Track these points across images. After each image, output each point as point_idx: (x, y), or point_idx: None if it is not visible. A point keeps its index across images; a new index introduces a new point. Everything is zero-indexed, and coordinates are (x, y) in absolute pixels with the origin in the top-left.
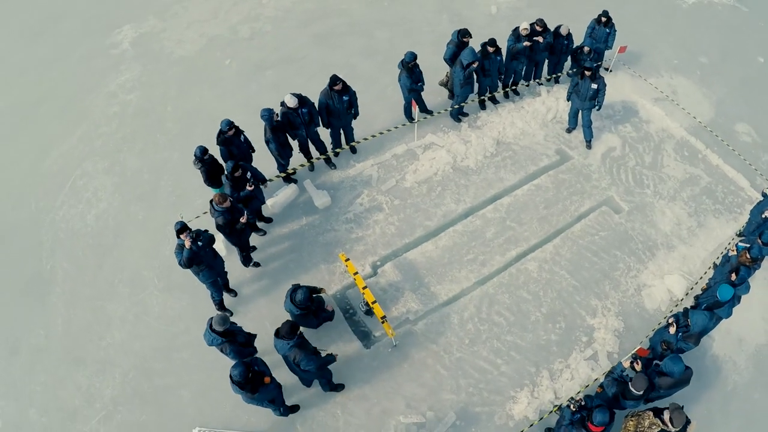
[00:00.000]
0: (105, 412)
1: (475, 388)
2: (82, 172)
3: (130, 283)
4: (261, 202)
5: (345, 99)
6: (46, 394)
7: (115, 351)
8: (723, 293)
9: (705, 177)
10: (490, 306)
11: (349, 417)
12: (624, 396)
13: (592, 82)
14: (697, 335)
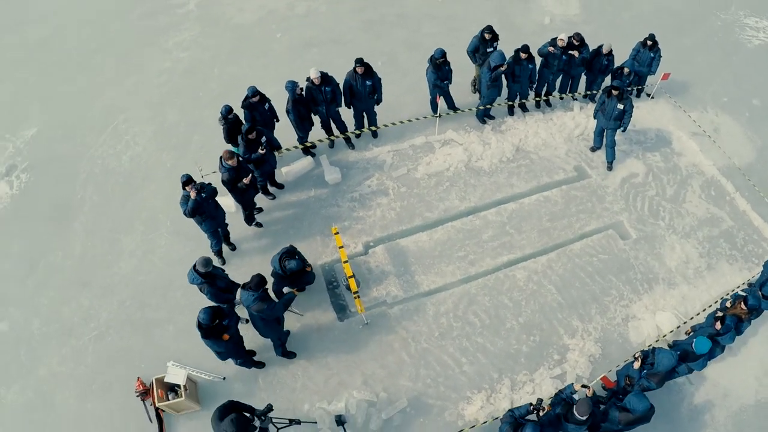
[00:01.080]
0: (97, 332)
1: (434, 380)
2: (126, 117)
3: (145, 223)
4: (271, 167)
5: (368, 84)
6: (50, 308)
7: (119, 280)
8: (699, 346)
9: (728, 220)
10: (468, 305)
11: (307, 381)
12: (566, 418)
13: (619, 102)
14: (661, 376)
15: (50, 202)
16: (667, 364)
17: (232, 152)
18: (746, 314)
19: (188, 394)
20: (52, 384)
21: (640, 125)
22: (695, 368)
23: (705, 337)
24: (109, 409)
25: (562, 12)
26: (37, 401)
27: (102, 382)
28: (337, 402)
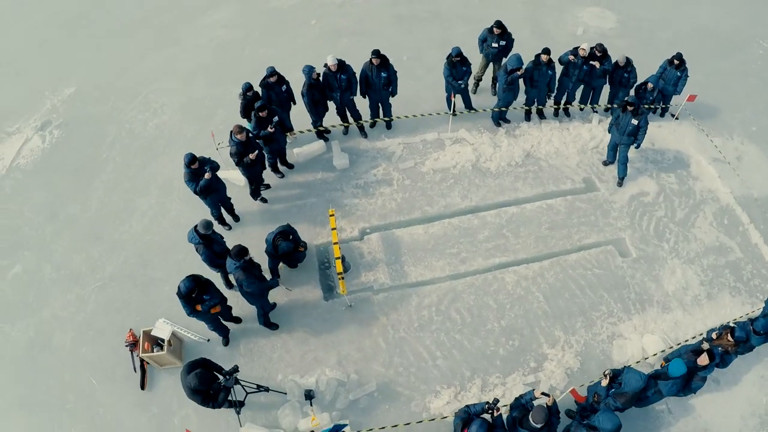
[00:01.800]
0: (101, 283)
1: (406, 369)
2: (158, 86)
3: (160, 188)
4: (280, 146)
5: (383, 75)
6: (62, 256)
7: (128, 238)
8: (674, 368)
9: (737, 251)
10: (452, 301)
11: (285, 353)
12: (521, 424)
13: (633, 118)
14: (628, 397)
15: (77, 159)
16: (634, 385)
17: (242, 127)
18: (733, 346)
19: (171, 349)
20: (53, 326)
21: (659, 145)
22: (663, 392)
23: (681, 360)
24: (100, 355)
25: (597, 25)
26: (37, 340)
27: (97, 329)
28: (309, 377)
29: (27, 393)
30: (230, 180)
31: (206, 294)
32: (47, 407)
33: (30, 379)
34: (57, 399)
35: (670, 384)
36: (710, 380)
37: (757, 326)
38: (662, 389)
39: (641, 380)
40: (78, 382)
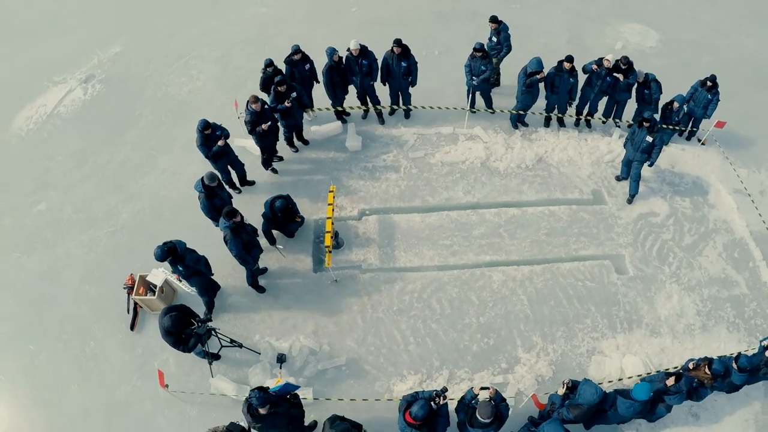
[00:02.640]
0: (114, 229)
1: (377, 349)
2: (198, 54)
3: (183, 148)
4: (296, 122)
5: (403, 65)
6: (84, 200)
7: (145, 191)
8: (637, 390)
9: (742, 287)
10: (435, 291)
11: (266, 316)
12: (471, 424)
13: (648, 135)
14: (583, 410)
15: (112, 113)
16: (588, 398)
17: (257, 97)
18: (709, 380)
19: (163, 296)
20: (64, 262)
21: (679, 168)
22: (620, 410)
23: (647, 383)
24: (101, 293)
25: (638, 42)
26: (48, 273)
27: (103, 270)
28: (284, 342)
29: (31, 320)
30: (247, 148)
31: (180, 265)
32: (46, 335)
33: (36, 307)
34: (56, 328)
35: (627, 404)
36: (689, 415)
37: (741, 363)
38: (619, 407)
39: (596, 394)
40: (77, 316)
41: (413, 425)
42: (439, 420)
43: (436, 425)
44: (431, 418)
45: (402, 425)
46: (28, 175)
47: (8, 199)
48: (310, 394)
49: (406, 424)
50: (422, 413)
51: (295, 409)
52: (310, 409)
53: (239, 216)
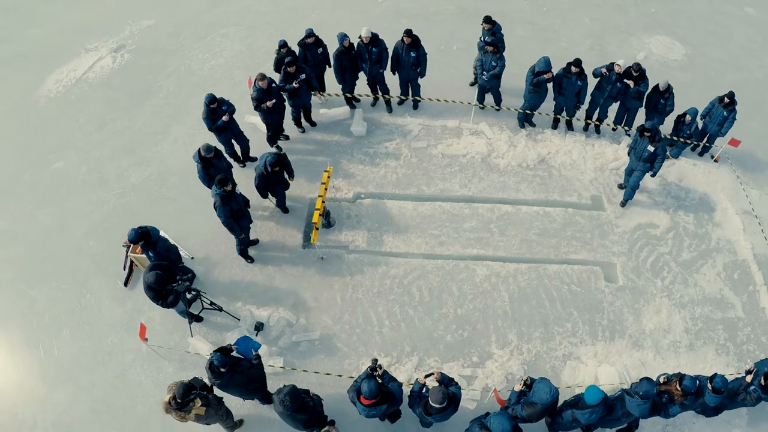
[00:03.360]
0: (122, 191)
1: (351, 328)
2: (224, 32)
3: (196, 120)
4: (303, 103)
5: (413, 55)
6: (98, 162)
7: (156, 157)
8: (589, 394)
9: (738, 310)
10: (416, 278)
11: (251, 285)
12: (427, 412)
13: (650, 144)
14: (537, 410)
15: (136, 82)
16: (541, 397)
17: (264, 75)
18: (679, 396)
19: None
20: (72, 218)
21: (687, 182)
22: (579, 419)
23: (598, 387)
24: (102, 250)
25: (662, 54)
26: (56, 226)
27: (106, 228)
28: (264, 311)
29: (35, 268)
30: (256, 125)
31: (151, 251)
32: (46, 283)
33: (41, 257)
34: (56, 278)
35: (587, 413)
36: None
37: (716, 383)
38: (579, 418)
39: (549, 394)
40: (77, 268)
41: (373, 404)
42: (391, 386)
43: (393, 395)
44: (384, 391)
45: (364, 411)
46: (51, 134)
47: (30, 155)
48: (280, 362)
49: (367, 407)
50: (373, 387)
51: (254, 370)
52: (279, 378)
53: (230, 185)
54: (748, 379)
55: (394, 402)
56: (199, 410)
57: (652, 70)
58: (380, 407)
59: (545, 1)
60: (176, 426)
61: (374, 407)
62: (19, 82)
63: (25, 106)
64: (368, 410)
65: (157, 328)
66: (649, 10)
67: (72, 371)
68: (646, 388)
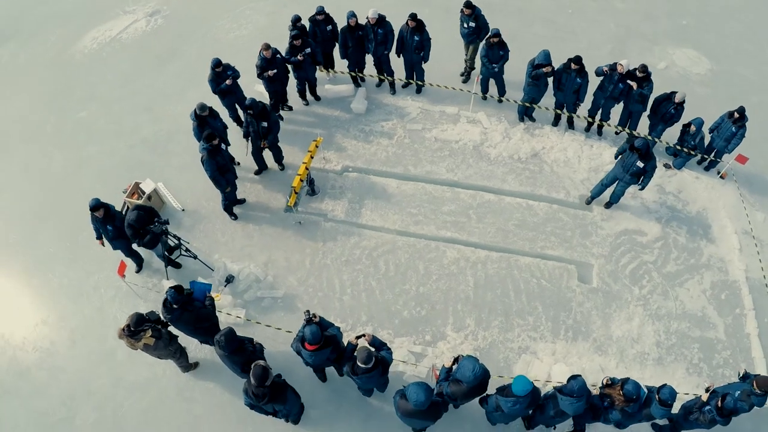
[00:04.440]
0: (133, 143)
1: (314, 291)
2: (252, 6)
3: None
4: (307, 75)
5: (416, 39)
6: (118, 115)
7: (169, 116)
8: (516, 383)
9: (720, 332)
10: (385, 253)
11: (230, 240)
12: (355, 372)
13: (640, 160)
14: (461, 388)
15: (163, 46)
16: (465, 374)
17: (269, 45)
18: (621, 401)
19: (150, 203)
20: (86, 162)
21: (687, 195)
22: (502, 406)
23: (527, 379)
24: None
25: (685, 66)
26: (69, 168)
27: (114, 175)
28: (237, 265)
29: (44, 204)
30: (263, 94)
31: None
32: (50, 218)
33: (52, 194)
34: (60, 214)
35: (511, 402)
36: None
37: (663, 394)
38: (501, 405)
39: (471, 372)
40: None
41: (316, 349)
42: (330, 330)
43: (335, 338)
44: (325, 336)
45: (309, 357)
46: (79, 86)
47: (58, 104)
48: (242, 314)
49: (311, 352)
50: (316, 331)
51: (204, 310)
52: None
53: (217, 140)
54: (705, 398)
55: (337, 346)
56: (148, 340)
57: (671, 80)
58: (324, 351)
59: (572, 3)
60: (139, 358)
61: (318, 351)
62: (61, 37)
63: (62, 59)
64: (313, 356)
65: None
66: (681, 22)
67: (58, 300)
68: (579, 385)
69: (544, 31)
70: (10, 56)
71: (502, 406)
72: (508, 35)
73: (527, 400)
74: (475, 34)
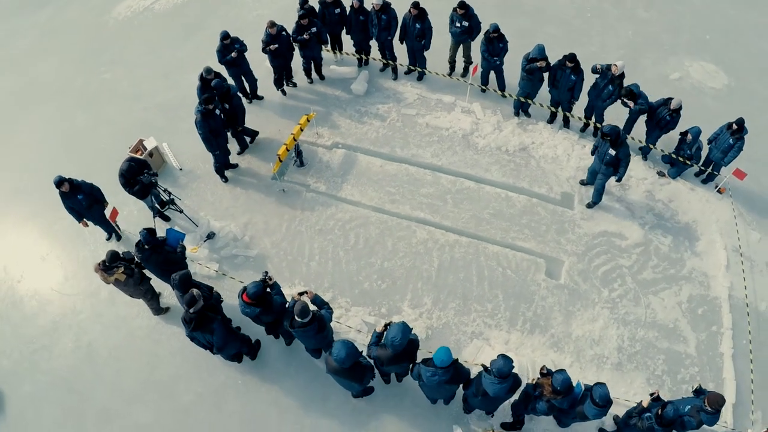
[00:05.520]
0: (148, 105)
1: (284, 254)
2: None
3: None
4: (312, 54)
5: (417, 27)
6: (138, 79)
7: (183, 83)
8: (437, 354)
9: (690, 347)
10: (357, 226)
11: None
12: (292, 326)
13: (612, 148)
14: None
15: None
16: (391, 338)
17: (274, 23)
18: (549, 393)
19: (152, 160)
20: (103, 121)
21: (677, 205)
22: (422, 375)
23: (449, 350)
24: (115, 148)
25: (700, 79)
26: (89, 125)
27: (125, 133)
28: (219, 223)
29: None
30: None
31: (80, 194)
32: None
33: (70, 144)
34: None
35: (431, 372)
36: None
37: (596, 393)
38: (422, 374)
39: (397, 338)
40: (92, 159)
41: (250, 303)
42: (274, 298)
43: (271, 304)
44: (266, 296)
45: (240, 306)
46: (108, 50)
47: (86, 64)
48: (215, 267)
49: (244, 304)
50: (257, 290)
51: (173, 255)
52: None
53: (213, 104)
54: (645, 403)
55: (270, 310)
56: (119, 276)
57: (682, 92)
58: (254, 309)
59: (592, 8)
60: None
61: (249, 306)
62: (99, 3)
63: (97, 23)
64: (244, 307)
65: (131, 218)
66: (704, 36)
67: (58, 241)
68: (501, 365)
69: (556, 31)
70: (48, 18)
71: (422, 374)
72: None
73: (446, 373)
74: (466, 34)
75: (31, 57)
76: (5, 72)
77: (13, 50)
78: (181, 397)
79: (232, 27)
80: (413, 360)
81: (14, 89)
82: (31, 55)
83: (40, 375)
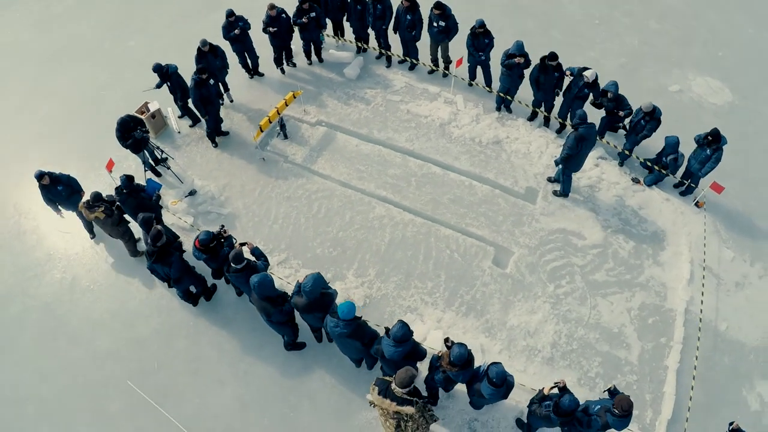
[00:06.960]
0: (150, 88)
1: (253, 216)
2: None
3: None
4: (310, 37)
5: (408, 18)
6: (156, 48)
7: (189, 60)
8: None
9: (633, 357)
10: (322, 198)
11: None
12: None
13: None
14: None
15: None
16: (305, 285)
17: (274, 5)
18: (447, 364)
19: (153, 121)
20: (120, 84)
21: (647, 213)
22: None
23: (354, 306)
24: (126, 109)
25: (702, 94)
26: (107, 86)
27: (134, 97)
28: (201, 182)
29: (77, 112)
30: None
31: (60, 185)
32: (75, 129)
33: (85, 105)
34: (83, 125)
35: (334, 323)
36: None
37: (492, 371)
38: (328, 323)
39: (310, 281)
40: (101, 120)
41: (199, 249)
42: (224, 249)
43: (218, 252)
44: (215, 247)
45: (193, 250)
46: (137, 19)
47: (115, 31)
48: (190, 221)
49: (195, 248)
50: (205, 237)
51: (148, 202)
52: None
53: (206, 74)
54: (546, 390)
55: (216, 259)
56: (99, 214)
57: (680, 105)
58: (202, 254)
59: (602, 16)
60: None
61: (198, 251)
62: None
63: None
64: (195, 251)
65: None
66: (717, 53)
67: None
68: (396, 329)
69: (559, 35)
70: None
71: (328, 323)
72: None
73: (348, 326)
74: (444, 34)
75: (72, 18)
76: (47, 31)
77: (56, 9)
78: (140, 329)
79: (252, 7)
80: (323, 311)
81: (57, 46)
82: (72, 17)
83: (27, 299)
